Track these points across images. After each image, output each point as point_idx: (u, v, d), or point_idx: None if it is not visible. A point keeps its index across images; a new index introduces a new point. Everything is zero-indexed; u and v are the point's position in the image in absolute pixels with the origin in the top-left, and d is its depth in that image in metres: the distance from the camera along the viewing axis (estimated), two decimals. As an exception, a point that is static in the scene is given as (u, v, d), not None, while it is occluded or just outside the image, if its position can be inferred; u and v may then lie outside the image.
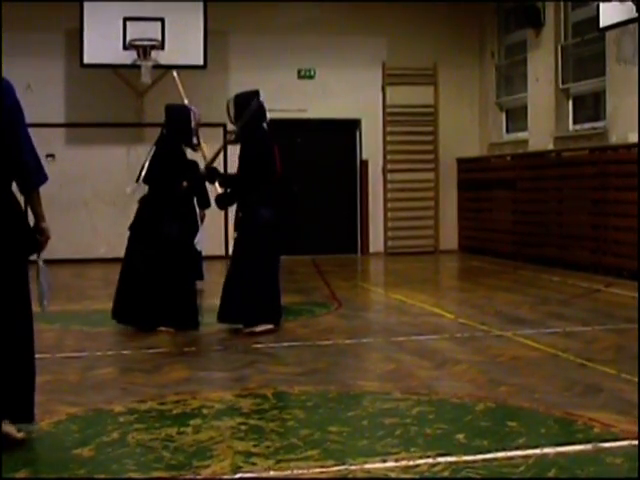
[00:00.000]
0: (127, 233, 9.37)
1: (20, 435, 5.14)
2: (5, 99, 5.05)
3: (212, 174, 9.44)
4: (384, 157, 18.14)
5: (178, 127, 9.32)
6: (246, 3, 17.00)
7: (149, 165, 9.31)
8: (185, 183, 9.25)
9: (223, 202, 9.48)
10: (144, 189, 9.38)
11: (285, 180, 9.31)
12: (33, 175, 5.15)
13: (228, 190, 9.31)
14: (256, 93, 9.26)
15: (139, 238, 9.17)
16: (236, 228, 9.18)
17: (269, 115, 9.18)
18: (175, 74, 10.73)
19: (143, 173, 9.31)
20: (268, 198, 9.02)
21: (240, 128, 9.09)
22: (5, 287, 5.03)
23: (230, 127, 9.68)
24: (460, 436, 5.11)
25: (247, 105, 9.10)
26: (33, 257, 5.33)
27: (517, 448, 4.85)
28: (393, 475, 4.48)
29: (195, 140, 9.40)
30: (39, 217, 5.24)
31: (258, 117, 9.10)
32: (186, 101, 9.95)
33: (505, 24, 18.03)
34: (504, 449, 4.83)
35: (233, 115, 9.18)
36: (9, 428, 5.10)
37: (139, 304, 8.97)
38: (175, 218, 9.10)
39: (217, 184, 9.45)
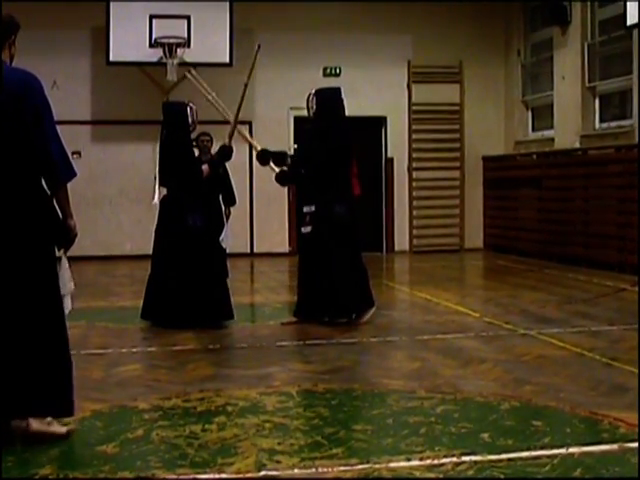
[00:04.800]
0: (152, 231, 9.39)
1: (64, 430, 5.15)
2: (32, 95, 5.06)
3: (265, 156, 9.46)
4: (409, 155, 18.12)
5: (176, 124, 9.30)
6: (272, 1, 17.02)
7: (159, 167, 9.39)
8: (205, 167, 9.28)
9: (284, 179, 9.52)
10: (163, 191, 9.43)
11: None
12: (60, 171, 5.10)
13: (284, 168, 9.35)
14: (338, 90, 9.34)
15: (165, 235, 9.18)
16: (305, 224, 9.20)
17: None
18: (188, 75, 10.59)
19: (157, 177, 9.40)
20: (344, 194, 9.10)
21: (321, 123, 9.14)
22: (34, 280, 5.04)
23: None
24: (485, 435, 5.09)
25: (329, 101, 9.17)
26: (58, 254, 5.34)
27: (542, 447, 4.83)
28: (417, 474, 4.47)
29: (195, 135, 9.40)
30: (66, 214, 5.20)
31: (341, 114, 9.18)
32: (210, 97, 9.92)
33: (531, 22, 17.96)
34: (529, 448, 4.81)
35: (314, 110, 9.22)
36: (50, 427, 5.11)
37: (172, 301, 8.96)
38: (197, 210, 9.12)
39: (272, 164, 9.46)
